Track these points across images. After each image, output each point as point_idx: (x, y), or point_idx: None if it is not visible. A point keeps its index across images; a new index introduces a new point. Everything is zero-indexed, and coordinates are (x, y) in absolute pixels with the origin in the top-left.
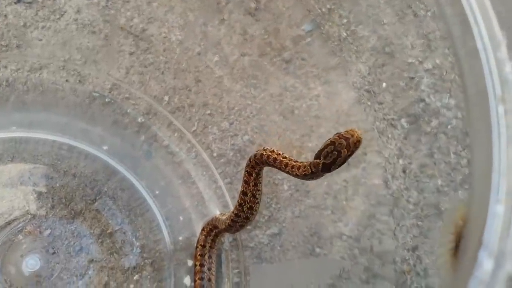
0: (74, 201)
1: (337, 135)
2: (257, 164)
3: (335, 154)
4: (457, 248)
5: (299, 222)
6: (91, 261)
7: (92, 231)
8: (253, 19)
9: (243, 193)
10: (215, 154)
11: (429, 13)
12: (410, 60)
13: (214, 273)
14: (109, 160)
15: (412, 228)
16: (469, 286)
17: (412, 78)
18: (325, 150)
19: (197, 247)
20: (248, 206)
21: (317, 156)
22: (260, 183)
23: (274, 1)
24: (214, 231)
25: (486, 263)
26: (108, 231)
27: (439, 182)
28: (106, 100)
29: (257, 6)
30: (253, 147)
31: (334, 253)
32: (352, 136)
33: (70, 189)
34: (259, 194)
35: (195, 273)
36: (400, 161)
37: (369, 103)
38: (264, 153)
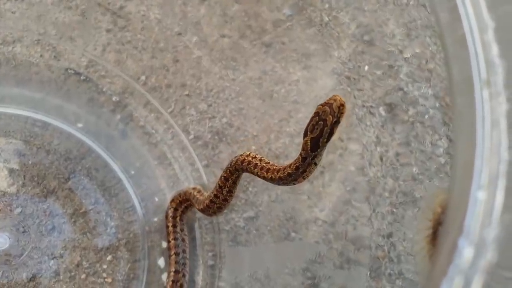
0: (47, 179)
1: (320, 104)
2: (236, 170)
3: (321, 124)
4: (434, 235)
5: (276, 206)
6: (64, 240)
7: (65, 210)
8: (233, 1)
9: (225, 178)
10: (192, 136)
11: (411, 2)
12: (389, 49)
13: (186, 233)
14: (84, 138)
15: (387, 215)
16: (448, 274)
17: (392, 66)
18: (311, 124)
19: (167, 212)
20: (227, 190)
21: (305, 134)
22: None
23: None
24: (185, 204)
25: (466, 251)
26: (82, 210)
27: (415, 170)
28: (82, 77)
29: None
30: (231, 130)
31: (309, 237)
32: (335, 101)
33: (42, 166)
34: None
35: (168, 234)
36: (378, 149)
37: (348, 89)
38: (246, 158)
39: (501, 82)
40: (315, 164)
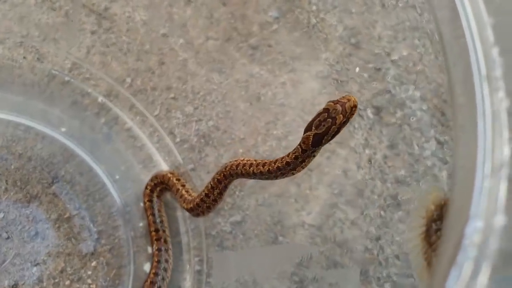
0: (30, 184)
1: (331, 101)
2: (230, 175)
3: (329, 122)
4: (427, 232)
5: (263, 210)
6: (47, 246)
7: (48, 216)
8: (219, 3)
9: (218, 180)
10: (178, 139)
11: (399, 3)
12: (377, 51)
13: (164, 214)
14: (68, 143)
15: (376, 218)
16: (457, 260)
17: (379, 69)
18: (318, 119)
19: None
20: (218, 191)
21: (308, 128)
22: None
23: None
24: (160, 186)
25: (474, 238)
26: (66, 216)
27: (402, 172)
28: (66, 79)
29: None
30: (218, 133)
31: (296, 241)
32: (349, 100)
33: (25, 171)
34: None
35: (145, 210)
36: (366, 151)
37: (336, 92)
38: (241, 162)
39: (500, 77)
40: (314, 156)
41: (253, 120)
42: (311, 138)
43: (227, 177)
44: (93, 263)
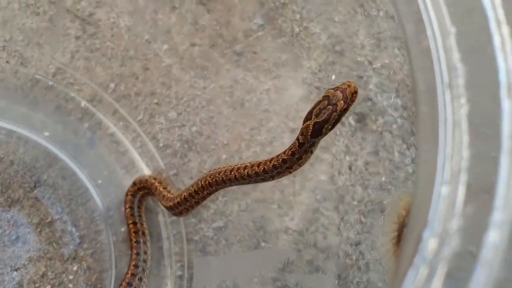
0: (12, 188)
1: (331, 89)
2: (223, 182)
3: (330, 109)
4: (399, 237)
5: (245, 215)
6: (28, 251)
7: (30, 220)
8: (205, 9)
9: (202, 187)
10: (161, 145)
11: (380, 13)
12: (359, 59)
13: (144, 212)
14: (50, 147)
15: (356, 223)
16: (414, 264)
17: (361, 77)
18: (317, 107)
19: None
20: (201, 196)
21: (307, 117)
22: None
23: None
24: (142, 191)
25: (430, 242)
26: (47, 220)
27: (383, 179)
28: (49, 84)
29: None
30: (202, 138)
31: (279, 247)
32: (349, 86)
33: (7, 175)
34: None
35: (124, 203)
36: (347, 158)
37: (318, 99)
38: (235, 167)
39: (462, 85)
40: (311, 152)
41: (237, 126)
42: (311, 128)
43: (219, 183)
44: (75, 268)
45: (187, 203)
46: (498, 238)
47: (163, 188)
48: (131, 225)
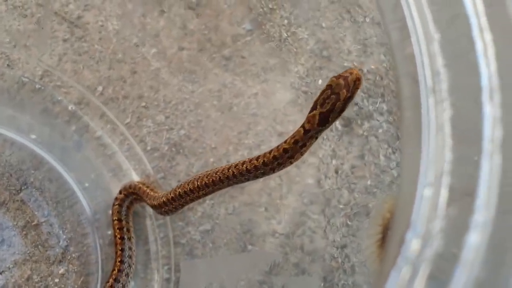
0: None
1: (334, 77)
2: (220, 181)
3: (334, 98)
4: (383, 239)
5: (233, 219)
6: (13, 254)
7: (15, 223)
8: (193, 14)
9: (191, 190)
10: (149, 148)
11: (367, 19)
12: (346, 64)
13: (131, 214)
14: (37, 150)
15: (342, 226)
16: (397, 264)
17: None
18: (321, 97)
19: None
20: (189, 199)
21: (313, 108)
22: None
23: None
24: (129, 200)
25: (413, 243)
26: (33, 223)
27: (369, 183)
28: (37, 86)
29: (198, 1)
30: (189, 142)
31: (266, 250)
32: (351, 74)
33: None
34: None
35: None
36: (333, 162)
37: (306, 103)
38: (231, 165)
39: (446, 90)
40: (316, 138)
41: (225, 130)
42: (317, 118)
43: (216, 183)
44: (61, 271)
45: (177, 202)
46: (479, 239)
47: (150, 190)
48: (115, 221)
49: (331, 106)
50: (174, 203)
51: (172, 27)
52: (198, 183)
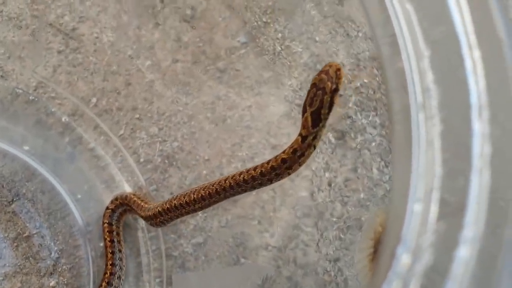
0: None
1: (315, 75)
2: (217, 193)
3: (320, 94)
4: (375, 253)
5: (225, 231)
6: (4, 266)
7: (6, 235)
8: (188, 26)
9: (187, 203)
10: (142, 160)
11: (360, 34)
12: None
13: (122, 224)
14: (30, 161)
15: (335, 240)
16: (388, 278)
17: (341, 95)
18: (309, 97)
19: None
20: (183, 212)
21: (304, 110)
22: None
23: (210, 10)
24: (122, 208)
25: (403, 257)
26: (25, 234)
27: (362, 196)
28: (30, 98)
29: (193, 14)
30: (183, 154)
31: (258, 263)
32: (331, 66)
33: None
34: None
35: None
36: (327, 174)
37: (300, 116)
38: (228, 177)
39: (435, 106)
40: (314, 147)
41: (218, 142)
42: (310, 118)
43: (212, 195)
44: (52, 283)
45: (171, 213)
46: (468, 254)
47: (141, 201)
48: (106, 225)
49: (320, 102)
50: (169, 214)
51: (166, 39)
52: (195, 196)
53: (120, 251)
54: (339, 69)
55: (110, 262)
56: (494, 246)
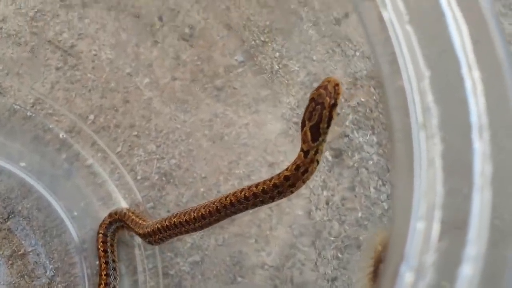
0: None
1: (314, 90)
2: (217, 212)
3: (319, 109)
4: (375, 272)
5: (222, 250)
6: None
7: (1, 252)
8: (187, 45)
9: (187, 221)
10: (139, 177)
11: (357, 53)
12: None
13: (116, 239)
14: (26, 178)
15: (333, 259)
16: None
17: (338, 113)
18: (307, 111)
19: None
20: (182, 231)
21: (302, 125)
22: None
23: (209, 29)
24: (119, 223)
25: (407, 276)
26: (20, 252)
27: (360, 215)
28: (28, 114)
29: (192, 32)
30: (180, 171)
31: (255, 282)
32: (329, 81)
33: None
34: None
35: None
36: (324, 193)
37: (297, 134)
38: (229, 194)
39: (436, 125)
40: (317, 162)
41: (215, 159)
42: (309, 133)
43: (213, 213)
44: None
45: (170, 231)
46: (471, 272)
47: (138, 218)
48: (100, 235)
49: (319, 117)
50: (168, 231)
51: (165, 57)
52: (195, 214)
53: (114, 261)
54: (337, 84)
55: (105, 273)
56: (497, 264)
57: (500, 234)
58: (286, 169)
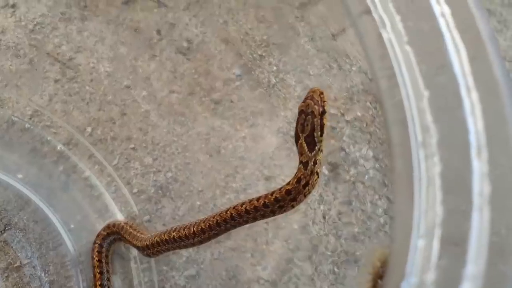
0: None
1: (301, 103)
2: (217, 225)
3: (310, 118)
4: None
5: (218, 264)
6: None
7: None
8: (184, 58)
9: (186, 236)
10: (135, 190)
11: (353, 68)
12: (332, 111)
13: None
14: (23, 190)
15: (329, 274)
16: None
17: (334, 128)
18: (299, 124)
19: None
20: (181, 245)
21: (297, 138)
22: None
23: (206, 43)
24: (116, 236)
25: None
26: (16, 264)
27: (356, 229)
28: (26, 126)
29: (190, 46)
30: (176, 184)
31: None
32: (314, 92)
33: None
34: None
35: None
36: (321, 207)
37: (293, 148)
38: (229, 209)
39: (435, 144)
40: (317, 175)
41: (212, 173)
42: (305, 144)
43: (213, 227)
44: None
45: (169, 245)
46: None
47: (136, 232)
48: (96, 245)
49: (311, 126)
50: (167, 245)
51: (162, 70)
52: (194, 229)
53: (108, 271)
54: (321, 93)
55: (99, 283)
56: (497, 281)
57: (499, 250)
58: (288, 183)
